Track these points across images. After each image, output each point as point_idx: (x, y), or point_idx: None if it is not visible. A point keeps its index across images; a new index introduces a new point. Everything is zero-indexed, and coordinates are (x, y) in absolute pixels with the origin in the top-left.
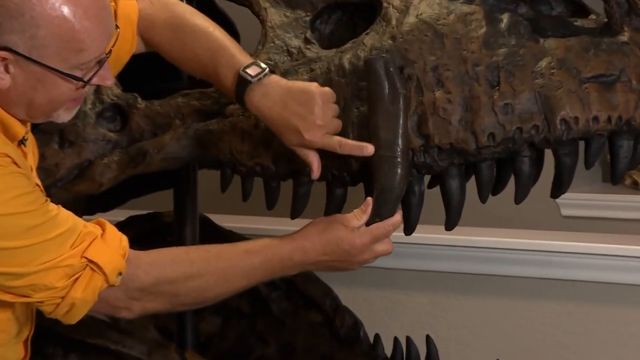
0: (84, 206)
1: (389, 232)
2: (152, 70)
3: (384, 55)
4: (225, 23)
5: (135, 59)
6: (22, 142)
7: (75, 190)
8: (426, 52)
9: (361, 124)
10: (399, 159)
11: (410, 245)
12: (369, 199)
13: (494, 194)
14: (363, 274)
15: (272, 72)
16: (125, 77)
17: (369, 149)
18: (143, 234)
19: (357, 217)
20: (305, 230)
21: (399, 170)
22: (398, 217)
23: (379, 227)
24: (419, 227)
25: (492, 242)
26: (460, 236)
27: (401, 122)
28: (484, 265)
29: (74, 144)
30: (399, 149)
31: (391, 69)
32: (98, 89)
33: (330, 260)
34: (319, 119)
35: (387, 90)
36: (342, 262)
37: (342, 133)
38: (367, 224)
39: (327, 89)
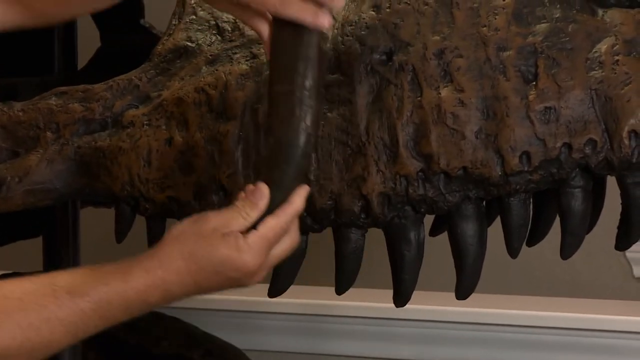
0: None
1: (290, 219)
2: (8, 55)
3: None
4: None
5: None
6: None
7: None
8: (427, 29)
9: (330, 137)
10: (300, 95)
11: (405, 323)
12: (259, 183)
13: (529, 245)
14: None
15: None
16: None
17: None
18: None
19: (243, 214)
20: (163, 250)
21: (302, 113)
22: (303, 193)
23: (275, 224)
24: (416, 294)
25: (528, 317)
26: (479, 309)
27: (306, 39)
28: (517, 353)
29: None
30: (302, 81)
31: None
32: None
33: (208, 289)
34: None
35: None
36: (227, 287)
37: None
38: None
39: None
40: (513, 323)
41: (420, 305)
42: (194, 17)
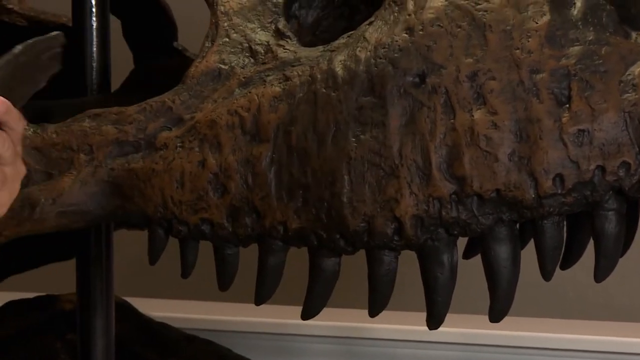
0: None
1: None
2: None
3: None
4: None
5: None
6: None
7: None
8: (460, 51)
9: (362, 159)
10: None
11: (438, 346)
12: None
13: (563, 268)
14: None
15: None
16: None
17: None
18: (28, 329)
19: None
20: None
21: None
22: None
23: None
24: (449, 317)
25: (561, 340)
26: (512, 332)
27: None
28: None
29: None
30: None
31: None
32: None
33: None
34: None
35: None
36: None
37: (333, 172)
38: None
39: None
40: (546, 346)
41: (454, 328)
42: (227, 39)
